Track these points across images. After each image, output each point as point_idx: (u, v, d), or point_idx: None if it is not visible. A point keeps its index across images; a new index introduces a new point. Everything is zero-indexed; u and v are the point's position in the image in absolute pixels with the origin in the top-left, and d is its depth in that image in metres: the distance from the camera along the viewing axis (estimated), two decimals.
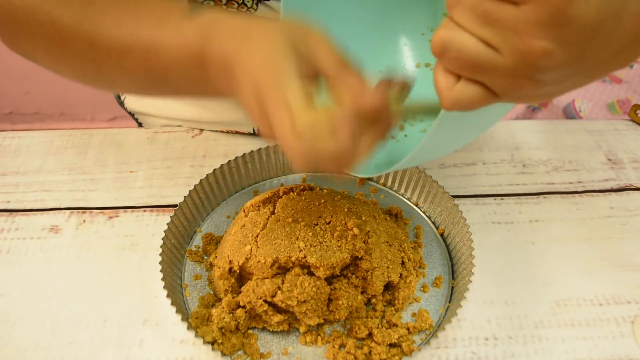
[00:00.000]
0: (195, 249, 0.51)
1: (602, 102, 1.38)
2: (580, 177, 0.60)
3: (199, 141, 0.64)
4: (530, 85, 0.27)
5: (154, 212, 0.55)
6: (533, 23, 0.24)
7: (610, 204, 0.57)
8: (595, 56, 0.27)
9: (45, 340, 0.45)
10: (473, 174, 0.60)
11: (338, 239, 0.45)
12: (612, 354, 0.44)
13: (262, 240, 0.45)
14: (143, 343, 0.44)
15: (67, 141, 0.64)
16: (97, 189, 0.58)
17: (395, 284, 0.46)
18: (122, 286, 0.48)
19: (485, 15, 0.25)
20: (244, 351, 0.43)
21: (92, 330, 0.45)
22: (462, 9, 0.26)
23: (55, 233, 0.53)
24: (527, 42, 0.24)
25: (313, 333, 0.44)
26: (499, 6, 0.24)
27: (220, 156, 0.62)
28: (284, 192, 0.52)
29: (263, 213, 0.48)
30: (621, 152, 0.63)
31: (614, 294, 0.48)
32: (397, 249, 0.48)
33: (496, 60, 0.26)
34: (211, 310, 0.44)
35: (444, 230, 0.52)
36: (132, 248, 0.52)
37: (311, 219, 0.46)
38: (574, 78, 0.28)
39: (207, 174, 0.54)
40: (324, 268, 0.43)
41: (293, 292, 0.42)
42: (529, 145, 0.61)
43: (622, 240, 0.53)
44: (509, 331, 0.45)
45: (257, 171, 0.57)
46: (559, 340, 0.45)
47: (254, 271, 0.45)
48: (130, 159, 0.62)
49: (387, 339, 0.42)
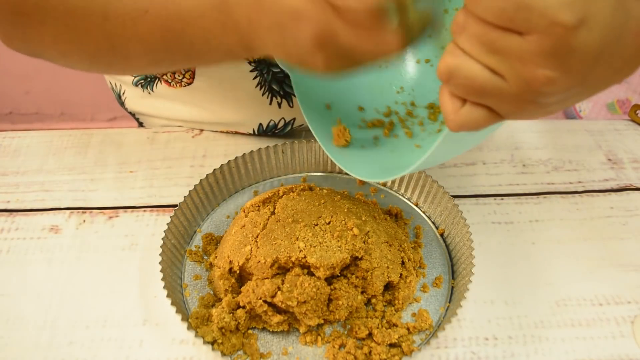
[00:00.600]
0: (195, 249, 0.51)
1: (602, 102, 1.38)
2: (580, 177, 0.60)
3: (199, 141, 0.64)
4: (534, 107, 0.28)
5: (154, 212, 0.55)
6: (538, 53, 0.24)
7: (610, 204, 0.57)
8: (597, 77, 0.28)
9: (45, 340, 0.45)
10: (473, 174, 0.60)
11: (338, 239, 0.45)
12: (612, 354, 0.44)
13: (262, 240, 0.45)
14: (143, 343, 0.44)
15: (67, 141, 0.64)
16: (97, 189, 0.58)
17: (395, 284, 0.46)
18: (122, 286, 0.48)
19: (490, 44, 0.26)
20: (244, 351, 0.43)
21: (92, 330, 0.45)
22: (468, 37, 0.26)
23: (55, 233, 0.53)
24: (532, 70, 0.25)
25: (313, 333, 0.44)
26: (504, 36, 0.25)
27: (220, 156, 0.62)
28: (284, 192, 0.52)
29: (263, 213, 0.48)
30: (621, 152, 0.63)
31: (614, 294, 0.48)
32: (397, 249, 0.48)
33: (501, 87, 0.26)
34: (211, 310, 0.44)
35: (444, 230, 0.52)
36: (132, 248, 0.52)
37: (311, 219, 0.46)
38: (576, 97, 0.29)
39: (207, 174, 0.54)
40: (324, 268, 0.43)
41: (293, 292, 0.42)
42: (529, 145, 0.61)
43: (622, 240, 0.53)
44: (509, 331, 0.45)
45: (257, 171, 0.57)
46: (559, 340, 0.45)
47: (254, 271, 0.45)
48: (130, 159, 0.62)
49: (387, 339, 0.42)
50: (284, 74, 0.57)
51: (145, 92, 0.64)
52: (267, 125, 0.62)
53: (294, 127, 0.63)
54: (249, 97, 0.59)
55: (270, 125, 0.62)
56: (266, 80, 0.57)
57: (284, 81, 0.58)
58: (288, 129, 0.63)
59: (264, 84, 0.58)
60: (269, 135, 0.64)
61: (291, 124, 0.62)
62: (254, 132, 0.64)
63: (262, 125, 0.63)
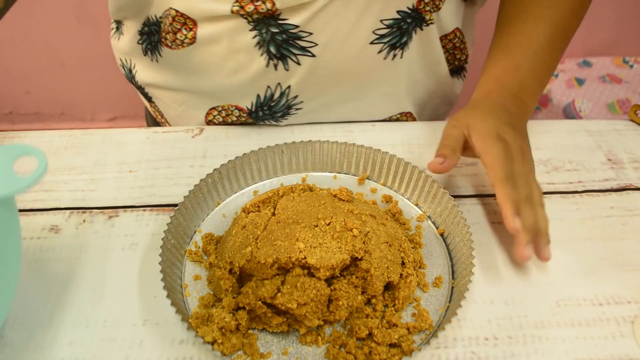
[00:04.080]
0: (195, 249, 0.51)
1: (602, 102, 1.38)
2: (580, 177, 0.60)
3: (199, 141, 0.64)
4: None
5: (154, 212, 0.55)
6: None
7: (610, 204, 0.57)
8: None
9: (45, 340, 0.45)
10: (473, 174, 0.60)
11: (338, 240, 0.45)
12: (612, 354, 0.44)
13: (263, 241, 0.45)
14: (143, 343, 0.44)
15: (67, 141, 0.64)
16: (97, 188, 0.58)
17: (395, 284, 0.46)
18: (122, 286, 0.48)
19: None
20: (244, 351, 0.43)
21: (92, 330, 0.45)
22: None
23: (55, 233, 0.53)
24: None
25: (313, 333, 0.44)
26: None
27: (220, 156, 0.62)
28: (283, 192, 0.52)
29: (264, 214, 0.49)
30: (621, 152, 0.63)
31: (614, 294, 0.48)
32: (397, 249, 0.48)
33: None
34: (211, 310, 0.44)
35: (444, 230, 0.52)
36: (132, 248, 0.52)
37: (311, 220, 0.46)
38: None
39: (207, 174, 0.54)
40: (324, 269, 0.43)
41: (293, 294, 0.42)
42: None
43: (622, 240, 0.53)
44: (509, 331, 0.45)
45: (257, 171, 0.57)
46: (559, 340, 0.45)
47: (254, 272, 0.45)
48: (130, 159, 0.62)
49: (387, 339, 0.42)
50: (283, 35, 0.58)
51: (153, 60, 0.66)
52: (265, 96, 0.63)
53: (289, 101, 0.64)
54: (248, 56, 0.60)
55: (267, 95, 0.63)
56: (265, 40, 0.58)
57: (281, 44, 0.58)
58: (283, 103, 0.64)
59: (262, 44, 0.59)
60: (265, 115, 0.65)
61: (286, 94, 0.63)
62: (251, 110, 0.65)
63: (260, 97, 0.63)
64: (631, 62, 1.47)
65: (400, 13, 0.58)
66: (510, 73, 0.58)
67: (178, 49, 0.62)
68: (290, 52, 0.59)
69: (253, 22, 0.57)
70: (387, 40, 0.60)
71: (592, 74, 1.46)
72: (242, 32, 0.58)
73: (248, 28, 0.58)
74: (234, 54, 0.60)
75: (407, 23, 0.60)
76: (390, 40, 0.60)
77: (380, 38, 0.60)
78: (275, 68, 0.60)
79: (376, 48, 0.60)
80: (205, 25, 0.59)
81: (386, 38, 0.60)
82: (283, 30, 0.57)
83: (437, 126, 0.67)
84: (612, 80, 1.43)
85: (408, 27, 0.60)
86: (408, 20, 0.59)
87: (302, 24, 0.57)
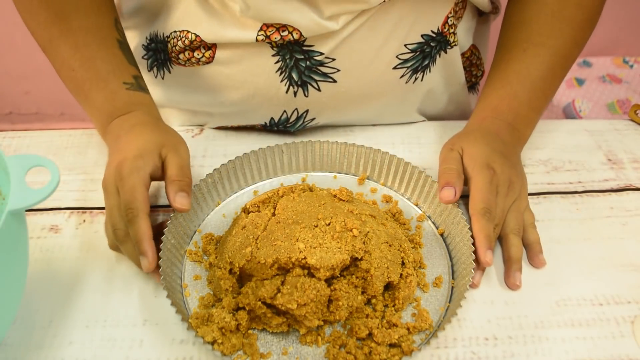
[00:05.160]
0: (195, 249, 0.51)
1: (602, 102, 1.38)
2: (580, 177, 0.60)
3: (199, 141, 0.64)
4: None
5: (153, 212, 0.55)
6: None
7: (610, 204, 0.57)
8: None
9: (45, 340, 0.45)
10: None
11: (338, 240, 0.45)
12: (612, 354, 0.44)
13: (263, 241, 0.45)
14: (143, 343, 0.44)
15: (67, 141, 0.64)
16: (97, 189, 0.58)
17: (395, 284, 0.46)
18: (122, 286, 0.48)
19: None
20: (244, 351, 0.43)
21: (92, 330, 0.45)
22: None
23: (55, 233, 0.53)
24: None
25: (313, 333, 0.44)
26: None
27: (220, 156, 0.62)
28: (283, 192, 0.52)
29: (264, 215, 0.49)
30: (621, 152, 0.63)
31: (614, 294, 0.48)
32: (397, 249, 0.48)
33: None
34: (211, 310, 0.44)
35: (444, 230, 0.52)
36: None
37: (311, 220, 0.46)
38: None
39: (207, 174, 0.54)
40: (324, 269, 0.43)
41: (293, 294, 0.42)
42: (529, 145, 0.61)
43: (622, 240, 0.53)
44: (509, 331, 0.45)
45: (257, 171, 0.57)
46: (559, 340, 0.45)
47: (255, 272, 0.45)
48: None
49: (387, 339, 0.42)
50: (307, 62, 0.57)
51: (157, 77, 0.64)
52: (279, 118, 0.62)
53: (305, 123, 0.63)
54: (267, 82, 0.59)
55: (282, 118, 0.62)
56: (287, 65, 0.57)
57: (304, 71, 0.57)
58: (299, 125, 0.63)
59: (284, 69, 0.57)
60: (279, 130, 0.64)
61: (303, 117, 0.62)
62: (265, 126, 0.64)
63: (274, 119, 0.62)
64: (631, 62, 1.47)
65: (424, 37, 0.58)
66: (507, 101, 0.57)
67: (193, 67, 0.60)
68: (312, 78, 0.58)
69: (277, 47, 0.56)
70: (410, 64, 0.59)
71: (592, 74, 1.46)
72: (264, 57, 0.57)
73: (271, 53, 0.56)
74: (253, 77, 0.58)
75: (430, 47, 0.59)
76: (414, 64, 0.59)
77: (403, 63, 0.59)
78: (294, 95, 0.59)
79: (399, 73, 0.60)
80: (225, 47, 0.57)
81: (409, 62, 0.59)
82: (308, 57, 0.56)
83: (437, 126, 0.67)
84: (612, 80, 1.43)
85: (432, 50, 0.59)
86: (432, 44, 0.59)
87: (329, 51, 0.56)
